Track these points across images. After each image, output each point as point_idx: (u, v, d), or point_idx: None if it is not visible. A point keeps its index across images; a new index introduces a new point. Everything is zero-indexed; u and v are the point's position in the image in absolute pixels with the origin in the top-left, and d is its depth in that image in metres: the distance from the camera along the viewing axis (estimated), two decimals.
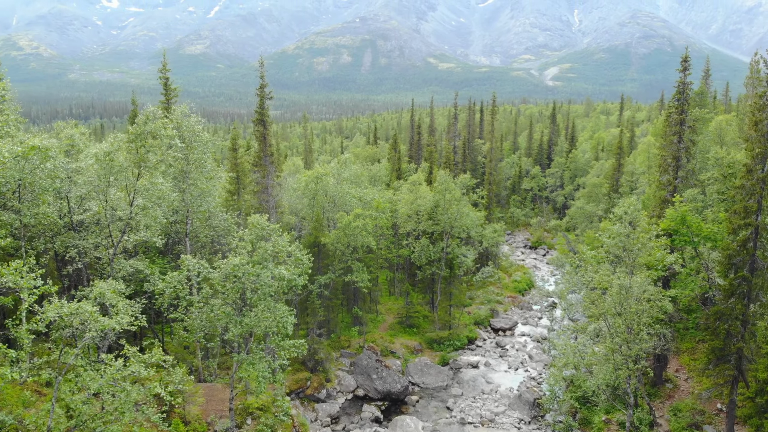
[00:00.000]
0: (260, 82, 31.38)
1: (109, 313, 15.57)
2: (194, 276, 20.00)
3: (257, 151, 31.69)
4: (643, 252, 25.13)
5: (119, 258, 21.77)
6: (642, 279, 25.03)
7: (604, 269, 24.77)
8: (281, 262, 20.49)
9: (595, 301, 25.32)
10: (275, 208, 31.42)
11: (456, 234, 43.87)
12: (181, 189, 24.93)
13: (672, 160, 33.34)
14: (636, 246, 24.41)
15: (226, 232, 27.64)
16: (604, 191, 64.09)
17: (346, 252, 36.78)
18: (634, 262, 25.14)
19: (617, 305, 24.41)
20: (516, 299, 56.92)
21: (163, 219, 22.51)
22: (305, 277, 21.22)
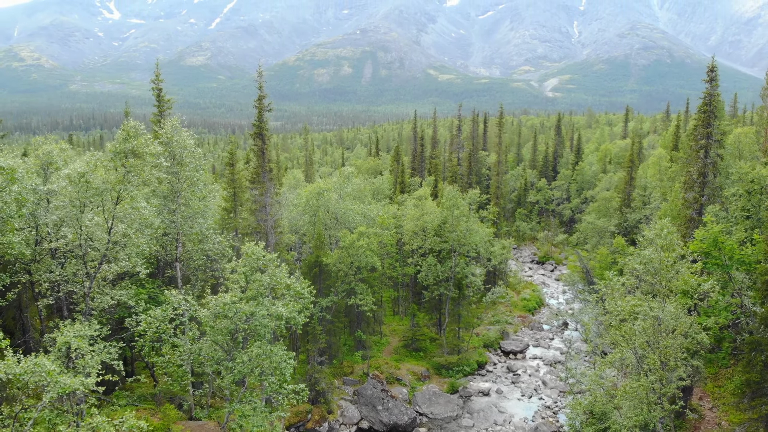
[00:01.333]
0: (259, 94, 29.34)
1: (80, 362, 13.30)
2: (179, 315, 17.70)
3: (255, 166, 29.56)
4: (677, 278, 22.89)
5: (98, 290, 19.41)
6: (676, 309, 22.76)
7: (636, 299, 22.50)
8: (279, 296, 18.23)
9: (625, 334, 23.02)
10: (274, 228, 29.28)
11: (464, 252, 41.62)
12: (171, 210, 22.75)
13: (698, 176, 31.26)
14: (671, 274, 22.17)
15: (220, 256, 25.39)
16: (615, 205, 61.90)
17: (349, 273, 34.51)
18: (668, 291, 22.88)
19: (650, 338, 22.11)
20: (526, 319, 54.51)
21: (147, 248, 20.20)
22: (306, 312, 18.92)
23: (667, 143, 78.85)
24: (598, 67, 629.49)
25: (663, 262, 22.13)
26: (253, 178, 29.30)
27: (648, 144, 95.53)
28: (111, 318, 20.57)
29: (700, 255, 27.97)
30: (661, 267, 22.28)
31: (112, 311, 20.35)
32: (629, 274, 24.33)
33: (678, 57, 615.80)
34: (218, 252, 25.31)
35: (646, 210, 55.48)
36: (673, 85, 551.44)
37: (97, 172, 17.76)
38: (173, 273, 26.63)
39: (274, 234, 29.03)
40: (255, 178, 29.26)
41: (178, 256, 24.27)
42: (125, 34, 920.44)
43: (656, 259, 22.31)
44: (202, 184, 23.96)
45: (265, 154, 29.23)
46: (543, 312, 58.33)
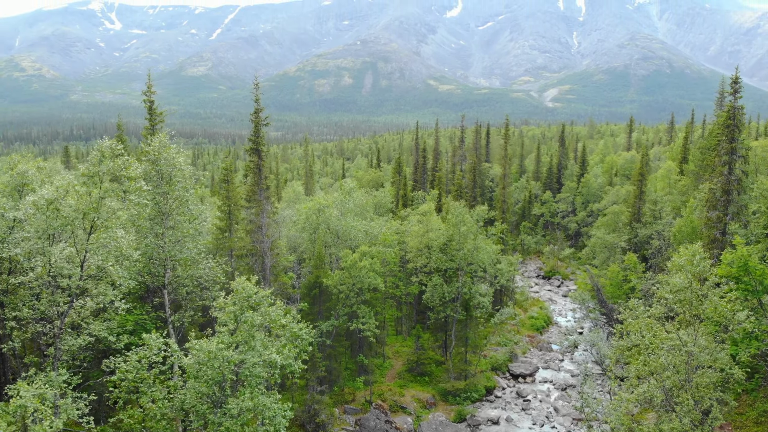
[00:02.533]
0: (255, 107, 27.55)
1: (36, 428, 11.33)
2: (158, 363, 15.68)
3: (251, 184, 27.71)
4: (708, 307, 20.94)
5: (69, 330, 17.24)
6: (709, 342, 20.79)
7: (665, 330, 20.53)
8: (273, 335, 16.27)
9: (652, 367, 21.03)
10: (271, 250, 27.36)
11: (472, 271, 39.65)
12: (157, 233, 20.88)
13: (721, 194, 29.38)
14: (704, 305, 20.22)
15: (211, 282, 23.43)
16: (625, 220, 59.94)
17: (350, 295, 32.52)
18: (698, 321, 20.94)
19: (682, 375, 20.13)
20: (534, 339, 52.38)
21: (125, 283, 18.15)
22: (304, 355, 16.92)
23: (676, 155, 77.11)
24: (597, 77, 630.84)
25: (695, 292, 20.19)
26: (249, 196, 27.43)
27: (654, 156, 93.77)
28: (86, 359, 18.56)
29: (728, 279, 26.01)
30: (693, 297, 20.33)
31: (91, 348, 18.38)
32: (657, 302, 22.37)
33: (677, 67, 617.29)
34: (209, 278, 23.34)
35: (657, 225, 53.51)
36: (672, 95, 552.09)
37: (69, 198, 15.82)
38: (164, 298, 24.67)
39: (271, 256, 27.12)
40: (251, 196, 27.38)
41: (167, 282, 22.35)
42: (126, 44, 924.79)
43: (688, 288, 20.36)
44: (192, 204, 22.09)
45: (262, 170, 27.38)
46: (551, 331, 56.22)
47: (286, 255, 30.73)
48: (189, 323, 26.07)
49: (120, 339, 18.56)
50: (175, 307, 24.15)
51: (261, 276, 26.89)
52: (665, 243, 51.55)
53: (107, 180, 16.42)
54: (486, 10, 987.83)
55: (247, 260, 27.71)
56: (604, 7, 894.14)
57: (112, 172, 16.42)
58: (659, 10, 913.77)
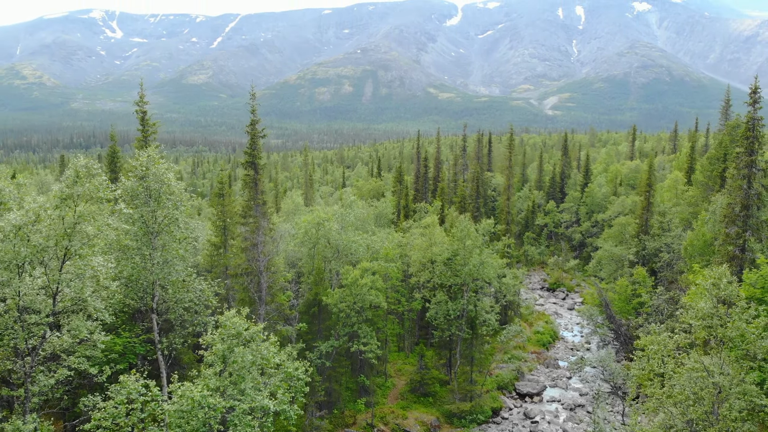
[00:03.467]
0: (251, 118, 26.18)
1: None
2: (135, 410, 14.09)
3: (247, 199, 26.28)
4: (733, 332, 19.48)
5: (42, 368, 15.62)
6: (737, 371, 19.31)
7: (693, 362, 19.04)
8: (266, 375, 14.77)
9: (674, 398, 19.53)
10: (267, 270, 25.90)
11: (477, 287, 38.15)
12: (144, 255, 19.46)
13: (741, 209, 27.97)
14: (732, 332, 18.75)
15: (202, 307, 21.94)
16: (632, 231, 58.50)
17: (351, 314, 31.01)
18: (727, 349, 19.45)
19: (707, 409, 18.62)
20: (541, 355, 50.76)
21: (101, 318, 16.56)
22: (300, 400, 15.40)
23: (682, 165, 75.82)
24: (597, 85, 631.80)
25: (723, 318, 18.73)
26: (245, 212, 26.00)
27: (658, 165, 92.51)
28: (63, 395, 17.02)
29: (750, 300, 24.52)
30: (720, 323, 18.86)
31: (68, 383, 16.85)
32: (680, 329, 20.91)
33: (677, 75, 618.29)
34: (200, 303, 21.83)
35: (666, 238, 52.06)
36: (672, 103, 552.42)
37: (41, 223, 14.34)
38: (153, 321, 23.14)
39: (267, 275, 25.64)
40: (246, 212, 25.95)
41: (155, 307, 20.90)
42: (127, 52, 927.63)
43: (714, 315, 18.90)
44: (182, 223, 20.67)
45: (258, 184, 25.97)
46: (558, 346, 54.61)
47: (284, 273, 29.29)
48: (182, 345, 24.60)
49: (103, 371, 17.04)
50: (166, 330, 22.68)
51: (257, 296, 25.45)
52: (675, 256, 50.09)
53: (83, 202, 14.97)
54: (486, 19, 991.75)
55: (242, 279, 26.26)
56: (604, 16, 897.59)
57: (88, 194, 14.97)
58: (658, 18, 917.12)
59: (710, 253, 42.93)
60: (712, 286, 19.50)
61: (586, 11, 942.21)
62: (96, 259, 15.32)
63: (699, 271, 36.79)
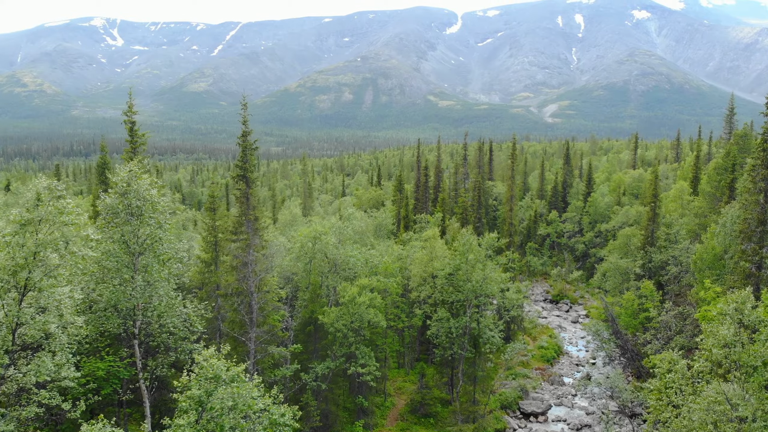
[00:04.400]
0: (243, 129, 24.93)
1: None
2: None
3: (238, 214, 24.93)
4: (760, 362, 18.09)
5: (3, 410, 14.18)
6: (762, 403, 17.88)
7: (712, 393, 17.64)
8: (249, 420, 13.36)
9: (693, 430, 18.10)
10: (258, 290, 24.49)
11: (480, 303, 36.72)
12: (124, 279, 18.14)
13: (757, 224, 26.65)
14: (760, 361, 17.36)
15: (186, 332, 20.53)
16: (638, 243, 57.13)
17: (348, 334, 29.57)
18: (750, 378, 18.06)
19: None
20: (545, 371, 49.22)
21: (63, 358, 14.92)
22: None
23: (687, 174, 74.57)
24: (597, 93, 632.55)
25: (747, 346, 17.35)
26: (236, 228, 24.67)
27: (661, 174, 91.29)
28: None
29: None
30: (744, 353, 17.47)
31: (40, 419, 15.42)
32: (701, 358, 19.51)
33: (677, 83, 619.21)
34: (184, 328, 20.40)
35: (673, 250, 50.67)
36: (672, 110, 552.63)
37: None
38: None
39: (258, 296, 24.21)
40: (237, 228, 24.63)
41: (137, 332, 19.54)
42: (128, 60, 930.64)
43: (738, 342, 17.52)
44: (166, 243, 19.36)
45: (250, 199, 24.64)
46: (562, 362, 53.06)
47: (278, 291, 27.93)
48: (169, 368, 23.20)
49: (77, 406, 15.60)
50: (151, 355, 21.26)
51: (248, 318, 24.08)
52: (683, 269, 48.70)
53: (45, 228, 13.60)
54: (485, 27, 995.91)
55: (233, 300, 24.89)
56: (603, 24, 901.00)
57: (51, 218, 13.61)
58: (658, 26, 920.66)
59: (720, 267, 41.56)
60: (735, 311, 18.12)
61: (586, 19, 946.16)
62: (61, 290, 13.92)
63: (711, 287, 35.46)
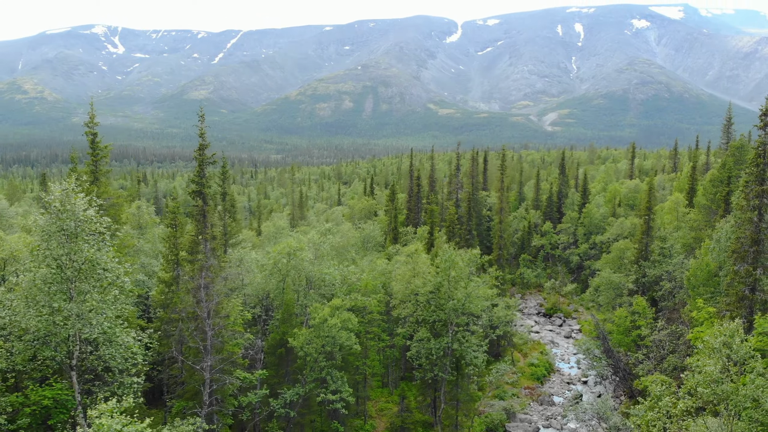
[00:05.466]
0: (200, 142, 23.43)
1: None
2: None
3: (193, 233, 23.39)
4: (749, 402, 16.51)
5: None
6: None
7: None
8: None
9: None
10: (215, 315, 22.77)
11: (463, 323, 35.08)
12: (54, 308, 16.63)
13: (750, 244, 25.09)
14: (745, 401, 15.79)
15: (129, 365, 18.93)
16: (631, 257, 55.54)
17: (319, 358, 27.94)
18: (737, 417, 16.48)
19: None
20: (534, 391, 47.48)
21: None
22: None
23: (683, 185, 73.12)
24: (596, 101, 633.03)
25: (735, 385, 15.77)
26: (192, 247, 23.15)
27: (658, 184, 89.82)
28: None
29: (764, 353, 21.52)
30: (733, 389, 15.89)
31: None
32: (687, 394, 17.95)
33: (676, 92, 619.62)
34: (121, 360, 18.74)
35: (667, 265, 49.10)
36: (672, 119, 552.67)
37: None
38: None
39: (214, 321, 22.43)
40: (193, 248, 23.11)
41: (74, 364, 18.02)
42: (129, 68, 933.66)
43: (725, 380, 15.94)
44: (109, 266, 17.84)
45: (207, 217, 23.13)
46: (553, 380, 51.32)
47: (243, 313, 26.34)
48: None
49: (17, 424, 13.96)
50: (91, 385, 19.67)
51: (202, 346, 22.51)
52: (677, 285, 47.10)
53: None
54: (485, 36, 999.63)
55: (188, 325, 23.33)
56: (603, 33, 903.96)
57: None
58: (657, 35, 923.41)
59: (715, 284, 39.97)
60: (723, 345, 16.55)
61: (585, 28, 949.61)
62: None
63: (703, 307, 33.86)
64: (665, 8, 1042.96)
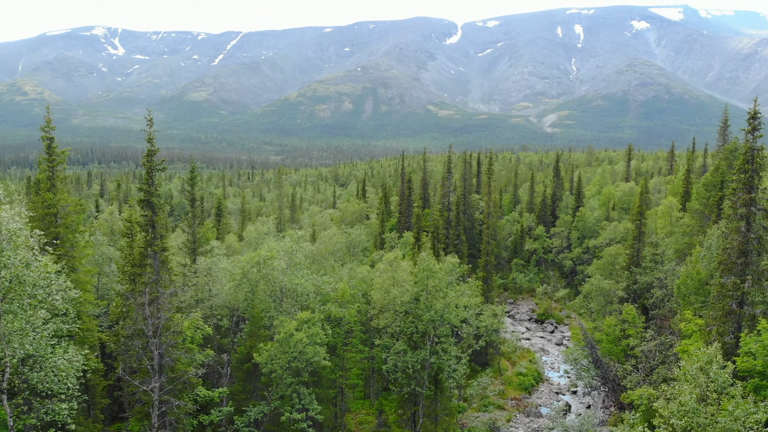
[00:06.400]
0: (148, 148, 22.07)
1: None
2: None
3: (141, 245, 21.95)
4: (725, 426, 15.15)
5: None
6: None
7: None
8: None
9: None
10: (164, 332, 21.25)
11: (441, 335, 33.68)
12: None
13: (738, 255, 23.71)
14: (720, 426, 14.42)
15: (63, 387, 17.54)
16: (623, 263, 54.16)
17: (284, 375, 26.55)
18: None
19: None
20: (521, 402, 46.02)
21: None
22: None
23: (677, 189, 71.65)
24: (596, 103, 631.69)
25: (712, 419, 14.40)
26: (139, 260, 21.76)
27: (654, 187, 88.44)
28: None
29: (753, 375, 20.16)
30: (710, 423, 14.52)
31: None
32: (662, 425, 16.56)
33: (676, 93, 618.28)
34: (51, 383, 17.32)
35: (658, 272, 47.72)
36: (671, 120, 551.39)
37: None
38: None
39: (162, 339, 20.91)
40: (141, 260, 21.71)
41: (3, 387, 16.71)
42: (129, 69, 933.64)
43: (701, 412, 14.56)
44: (31, 285, 16.55)
45: (156, 227, 21.78)
46: (541, 390, 49.86)
47: (204, 327, 24.95)
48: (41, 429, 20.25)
49: None
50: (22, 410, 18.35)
51: (149, 366, 21.18)
52: (668, 293, 45.71)
53: None
54: (485, 38, 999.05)
55: (134, 343, 21.99)
56: (603, 34, 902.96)
57: None
58: (657, 36, 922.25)
59: (705, 293, 38.58)
60: (700, 371, 15.17)
61: (585, 30, 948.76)
62: None
63: (692, 319, 32.48)
64: (665, 9, 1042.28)
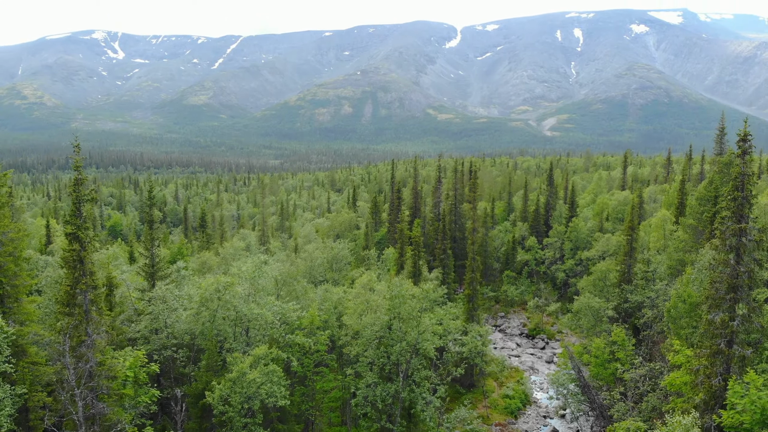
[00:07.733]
0: (75, 176, 19.99)
1: None
2: None
3: (66, 284, 19.81)
4: None
5: None
6: None
7: None
8: None
9: None
10: (93, 377, 19.14)
11: (414, 367, 31.61)
12: None
13: (727, 290, 21.68)
14: None
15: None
16: (613, 280, 52.05)
17: (236, 418, 24.48)
18: None
19: None
20: (505, 428, 43.91)
21: None
22: None
23: (672, 200, 69.65)
24: (596, 106, 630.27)
25: None
26: (67, 300, 19.69)
27: (649, 196, 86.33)
28: None
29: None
30: None
31: None
32: None
33: (675, 97, 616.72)
34: None
35: (649, 291, 45.65)
36: (671, 124, 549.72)
37: None
38: None
39: (82, 391, 18.75)
40: (69, 300, 19.66)
41: None
42: (129, 73, 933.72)
43: None
44: None
45: (85, 263, 19.78)
46: (529, 413, 47.72)
47: (147, 367, 22.94)
48: None
49: None
50: None
51: (75, 418, 19.18)
52: (659, 314, 43.64)
53: None
54: (484, 42, 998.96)
55: (60, 392, 19.94)
56: (602, 38, 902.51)
57: None
58: (656, 40, 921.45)
59: (697, 317, 36.58)
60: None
61: (585, 33, 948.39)
62: None
63: (681, 350, 30.43)
64: (664, 13, 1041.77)
